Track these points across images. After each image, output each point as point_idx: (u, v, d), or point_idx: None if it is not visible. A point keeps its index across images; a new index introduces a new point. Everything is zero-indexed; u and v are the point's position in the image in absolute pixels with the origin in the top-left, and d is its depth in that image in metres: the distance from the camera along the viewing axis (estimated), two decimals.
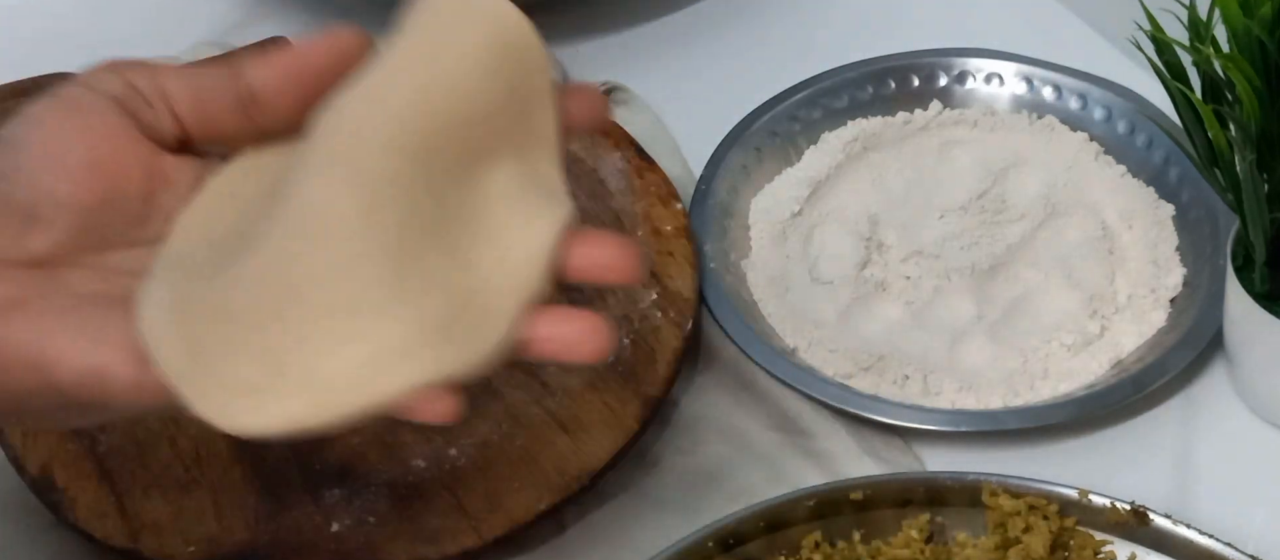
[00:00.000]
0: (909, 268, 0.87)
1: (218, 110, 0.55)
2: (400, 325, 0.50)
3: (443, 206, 0.52)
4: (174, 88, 0.56)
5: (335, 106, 0.53)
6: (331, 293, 0.50)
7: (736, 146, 0.91)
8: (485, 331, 0.52)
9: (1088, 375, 0.81)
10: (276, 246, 0.51)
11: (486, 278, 0.52)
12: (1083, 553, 0.72)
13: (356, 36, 0.55)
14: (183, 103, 0.56)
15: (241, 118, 0.55)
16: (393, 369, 0.50)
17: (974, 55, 0.95)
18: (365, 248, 0.50)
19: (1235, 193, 0.74)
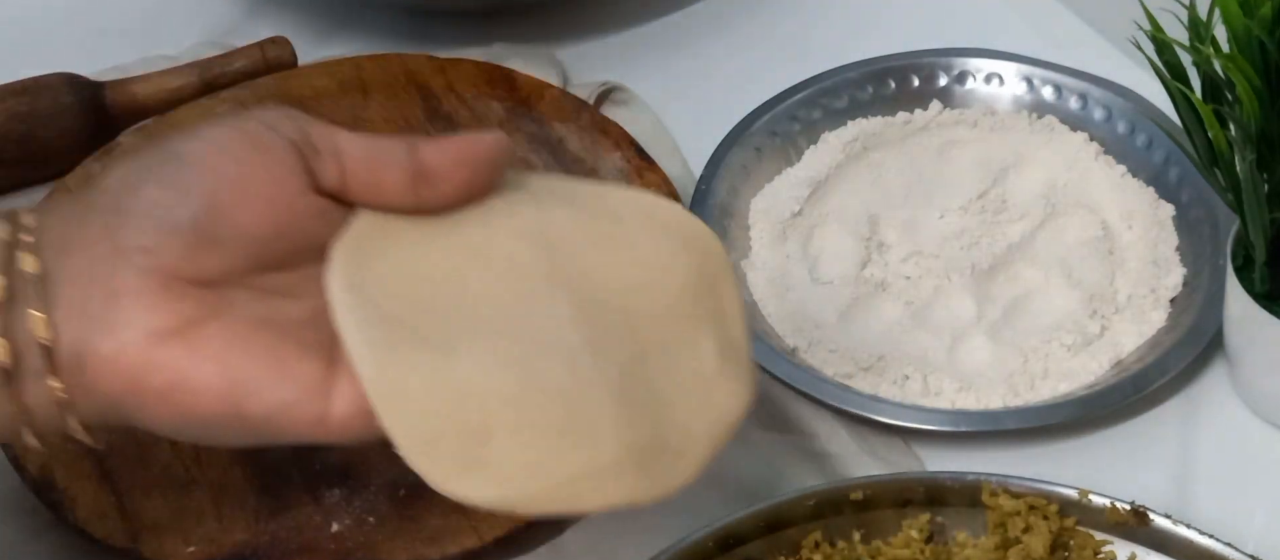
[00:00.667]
0: (909, 268, 0.87)
1: (388, 178, 0.59)
2: (615, 450, 0.57)
3: (652, 357, 0.60)
4: (349, 146, 0.59)
5: (565, 246, 0.61)
6: (564, 408, 0.57)
7: (736, 146, 0.91)
8: (677, 470, 0.59)
9: (1088, 375, 0.81)
10: (513, 351, 0.57)
11: (685, 424, 0.59)
12: (1083, 553, 0.72)
13: (504, 141, 0.61)
14: (356, 161, 0.59)
15: (408, 190, 0.59)
16: (601, 487, 0.57)
17: (974, 55, 0.95)
18: (594, 377, 0.58)
19: (1235, 193, 0.74)
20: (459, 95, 0.95)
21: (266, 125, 0.58)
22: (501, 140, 0.61)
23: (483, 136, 0.61)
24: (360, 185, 0.59)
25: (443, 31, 1.01)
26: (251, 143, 0.57)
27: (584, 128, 0.92)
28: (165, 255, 0.55)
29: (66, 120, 0.93)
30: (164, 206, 0.56)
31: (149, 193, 0.56)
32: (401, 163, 0.59)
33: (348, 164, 0.59)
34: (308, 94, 0.94)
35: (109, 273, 0.55)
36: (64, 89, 0.93)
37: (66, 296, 0.55)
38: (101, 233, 0.56)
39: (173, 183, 0.56)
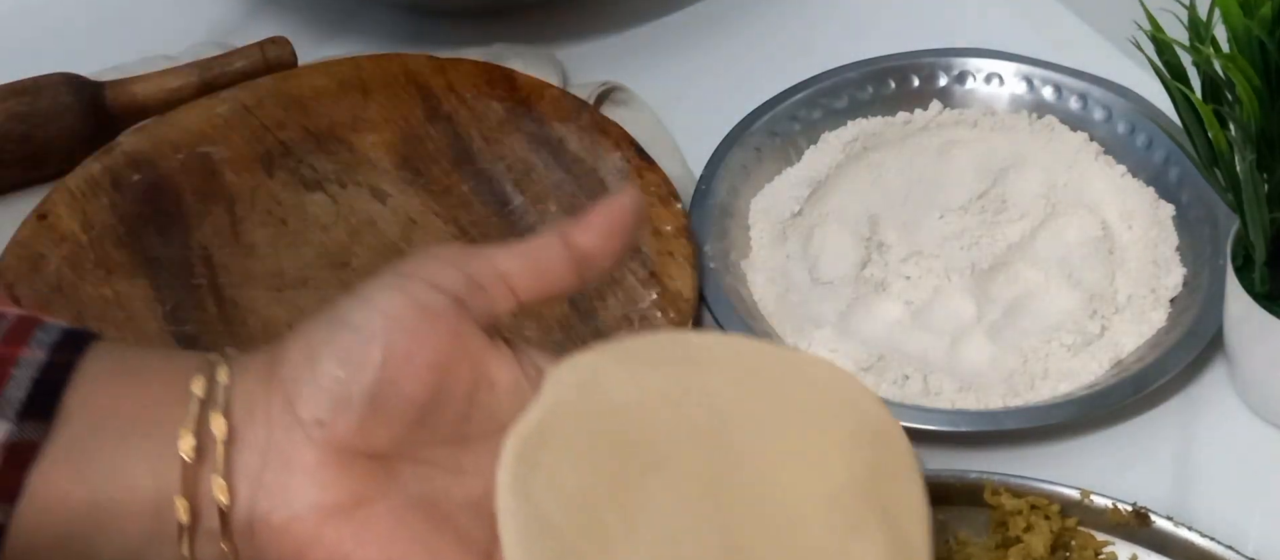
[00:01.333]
0: (909, 268, 0.87)
1: (555, 277, 0.61)
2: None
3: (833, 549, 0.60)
4: (511, 266, 0.61)
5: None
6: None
7: (736, 146, 0.91)
8: None
9: (1088, 375, 0.81)
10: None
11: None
12: (1083, 553, 0.72)
13: (638, 198, 0.64)
14: (522, 278, 0.61)
15: (573, 279, 0.62)
16: None
17: (974, 55, 0.95)
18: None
19: (1235, 193, 0.74)
20: (459, 95, 0.95)
21: (430, 284, 0.59)
22: (635, 199, 0.63)
23: (620, 201, 0.63)
24: (532, 294, 0.61)
25: (443, 31, 1.01)
26: (419, 309, 0.58)
27: (584, 128, 0.92)
28: (339, 429, 0.57)
29: (66, 120, 0.93)
30: (340, 382, 0.57)
31: (327, 367, 0.57)
32: (561, 257, 0.61)
33: (515, 283, 0.61)
34: (308, 94, 0.94)
35: (287, 444, 0.57)
36: (64, 89, 0.93)
37: (246, 462, 0.57)
38: (283, 404, 0.58)
39: (348, 357, 0.57)
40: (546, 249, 0.62)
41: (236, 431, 0.58)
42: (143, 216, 0.89)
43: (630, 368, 0.61)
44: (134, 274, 0.87)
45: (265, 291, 0.86)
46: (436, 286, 0.59)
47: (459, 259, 0.61)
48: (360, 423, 0.57)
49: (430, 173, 0.92)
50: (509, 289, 0.61)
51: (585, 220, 0.62)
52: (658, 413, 0.60)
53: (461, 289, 0.60)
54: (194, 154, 0.92)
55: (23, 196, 0.92)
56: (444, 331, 0.58)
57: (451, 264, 0.60)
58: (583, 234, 0.62)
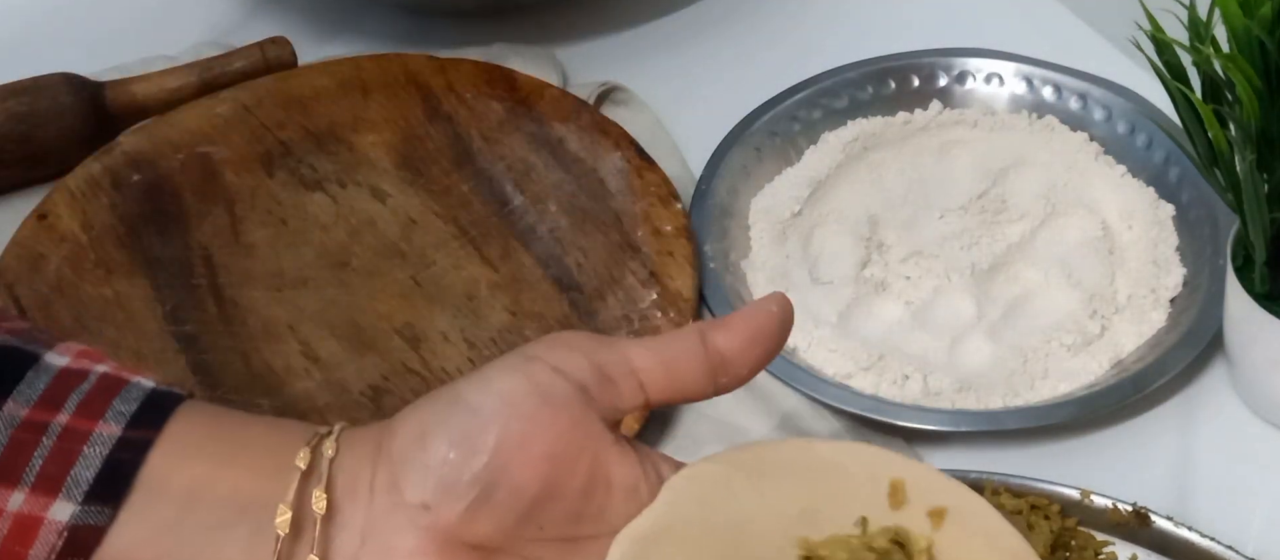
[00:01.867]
0: (909, 268, 0.87)
1: (689, 379, 0.59)
2: None
3: None
4: (643, 362, 0.58)
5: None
6: None
7: (736, 146, 0.91)
8: None
9: (1088, 375, 0.81)
10: None
11: None
12: (1084, 553, 0.72)
13: (788, 305, 0.61)
14: (654, 374, 0.58)
15: (708, 384, 0.59)
16: None
17: (974, 55, 0.95)
18: None
19: (1235, 193, 0.74)
20: (459, 95, 0.95)
21: (555, 370, 0.57)
22: (784, 306, 0.61)
23: (768, 307, 0.60)
24: (661, 393, 0.59)
25: (443, 31, 1.01)
26: (540, 395, 0.56)
27: (584, 128, 0.92)
28: (444, 514, 0.55)
29: (66, 120, 0.93)
30: (449, 465, 0.55)
31: (438, 449, 0.55)
32: (698, 359, 0.59)
33: (645, 378, 0.58)
34: (308, 94, 0.94)
35: (387, 527, 0.55)
36: (64, 89, 0.93)
37: (343, 544, 0.55)
38: (387, 483, 0.55)
39: (462, 440, 0.55)
40: (683, 349, 0.59)
41: (337, 508, 0.55)
42: (143, 216, 0.89)
43: (753, 481, 0.58)
44: (134, 274, 0.87)
45: (265, 291, 0.86)
46: (562, 373, 0.57)
47: (589, 347, 0.58)
48: (466, 510, 0.55)
49: (430, 173, 0.92)
50: (639, 385, 0.58)
51: (728, 322, 0.60)
52: (774, 529, 0.57)
53: (588, 378, 0.57)
54: (194, 154, 0.92)
55: (23, 196, 0.92)
56: (564, 422, 0.56)
57: (580, 351, 0.58)
58: (723, 336, 0.59)
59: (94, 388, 0.56)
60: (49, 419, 0.55)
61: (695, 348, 0.59)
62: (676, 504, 0.57)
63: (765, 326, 0.60)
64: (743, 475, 0.58)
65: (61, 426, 0.55)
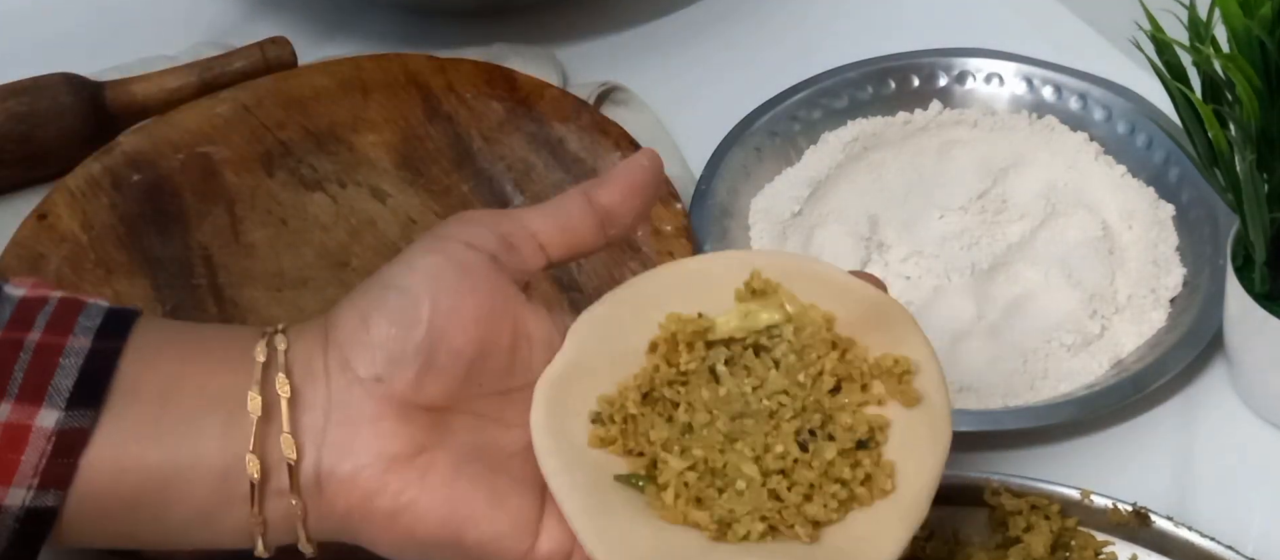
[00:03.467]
0: (909, 268, 0.87)
1: (581, 235, 0.65)
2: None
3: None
4: (541, 226, 0.64)
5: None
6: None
7: (736, 146, 0.91)
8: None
9: (1088, 375, 0.81)
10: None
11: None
12: (1084, 553, 0.72)
13: (656, 158, 0.67)
14: (551, 236, 0.64)
15: (599, 235, 0.65)
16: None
17: (974, 55, 0.95)
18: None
19: (1235, 193, 0.74)
20: (459, 95, 0.95)
21: (466, 244, 0.62)
22: (653, 159, 0.67)
23: (639, 160, 0.66)
24: (561, 252, 0.65)
25: (443, 31, 1.01)
26: (459, 268, 0.62)
27: (584, 128, 0.92)
28: (396, 384, 0.60)
29: (66, 120, 0.93)
30: (393, 339, 0.60)
31: (380, 327, 0.61)
32: (587, 216, 0.65)
33: (544, 240, 0.64)
34: (308, 94, 0.94)
35: (347, 401, 0.60)
36: (64, 89, 0.93)
37: (310, 421, 0.61)
38: (340, 364, 0.61)
39: (399, 316, 0.60)
40: (572, 208, 0.65)
41: (298, 393, 0.61)
42: (143, 216, 0.89)
43: (639, 309, 0.65)
44: (134, 274, 0.87)
45: (265, 291, 0.86)
46: (472, 246, 0.62)
47: (491, 220, 0.64)
48: (415, 376, 0.60)
49: (430, 173, 0.92)
50: (539, 246, 0.64)
51: (606, 179, 0.65)
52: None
53: (496, 247, 0.63)
54: (194, 154, 0.92)
55: (23, 196, 0.92)
56: (484, 288, 0.62)
57: (484, 225, 0.63)
58: (605, 192, 0.65)
59: (56, 310, 0.62)
60: (22, 337, 0.60)
61: (583, 206, 0.65)
62: (580, 344, 0.64)
63: (639, 178, 0.66)
64: (629, 306, 0.66)
65: (35, 343, 0.60)
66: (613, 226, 0.65)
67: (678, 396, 0.64)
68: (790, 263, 0.67)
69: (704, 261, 0.69)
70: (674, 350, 0.64)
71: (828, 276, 0.66)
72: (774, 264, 0.66)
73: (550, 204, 0.65)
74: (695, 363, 0.64)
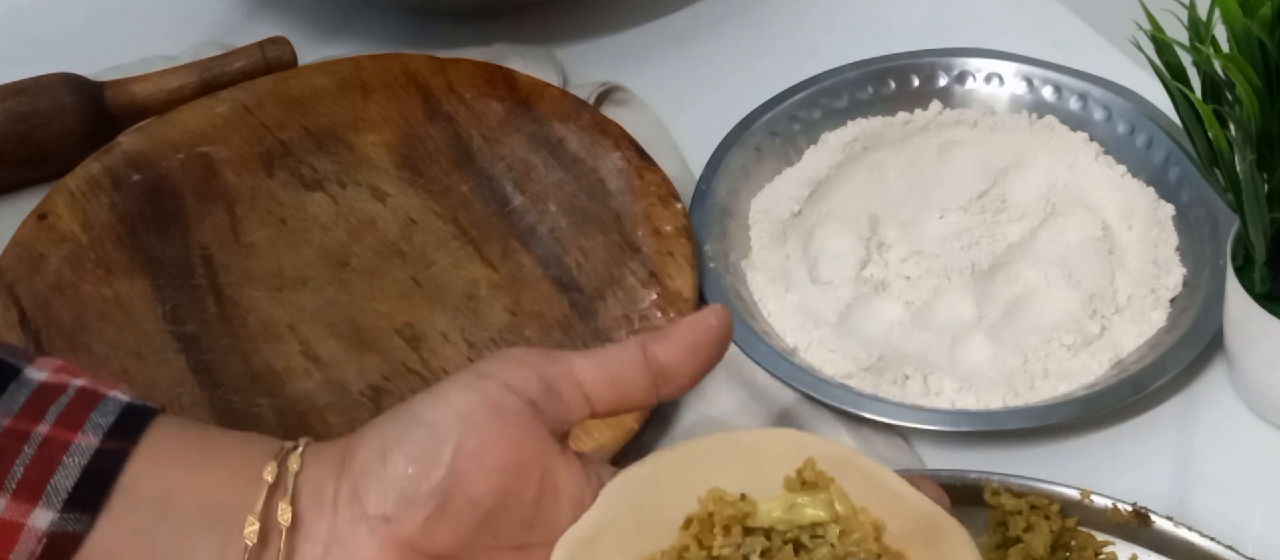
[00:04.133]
0: (909, 268, 0.87)
1: (631, 390, 0.62)
2: None
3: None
4: (588, 376, 0.61)
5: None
6: None
7: (736, 146, 0.91)
8: None
9: (1088, 375, 0.81)
10: None
11: None
12: (1083, 553, 0.72)
13: (727, 317, 0.64)
14: (599, 387, 0.61)
15: (650, 395, 0.62)
16: None
17: (974, 55, 0.95)
18: None
19: (1235, 193, 0.74)
20: (459, 95, 0.95)
21: (506, 386, 0.59)
22: (723, 318, 0.63)
23: (706, 319, 0.63)
24: (606, 404, 0.61)
25: (443, 31, 1.01)
26: (492, 410, 0.58)
27: (584, 128, 0.92)
28: (404, 526, 0.57)
29: (66, 120, 0.93)
30: (409, 479, 0.57)
31: (397, 463, 0.58)
32: (640, 372, 0.61)
33: (591, 392, 0.61)
34: (308, 94, 0.94)
35: (350, 537, 0.58)
36: (64, 89, 0.93)
37: (307, 552, 0.58)
38: (350, 496, 0.58)
39: (420, 455, 0.58)
40: (626, 361, 0.62)
41: (301, 520, 0.58)
42: (143, 216, 0.89)
43: (679, 477, 0.61)
44: (134, 274, 0.87)
45: (265, 291, 0.86)
46: (512, 389, 0.59)
47: (537, 362, 0.61)
48: (425, 521, 0.57)
49: (430, 173, 0.92)
50: (584, 397, 0.61)
51: (669, 335, 0.62)
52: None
53: (536, 393, 0.60)
54: (194, 154, 0.92)
55: (23, 196, 0.92)
56: (516, 434, 0.59)
57: (529, 366, 0.60)
58: (664, 349, 0.62)
59: (73, 400, 0.59)
60: (30, 429, 0.58)
61: (637, 360, 0.62)
62: (611, 506, 0.60)
63: (704, 338, 0.62)
64: (670, 473, 0.61)
65: (42, 436, 0.57)
66: (667, 386, 0.62)
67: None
68: (849, 458, 0.63)
69: (758, 437, 0.64)
70: (709, 531, 0.60)
71: (885, 480, 0.62)
72: (831, 455, 0.62)
73: (603, 352, 0.62)
74: (729, 549, 0.60)
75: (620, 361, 0.62)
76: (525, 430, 0.59)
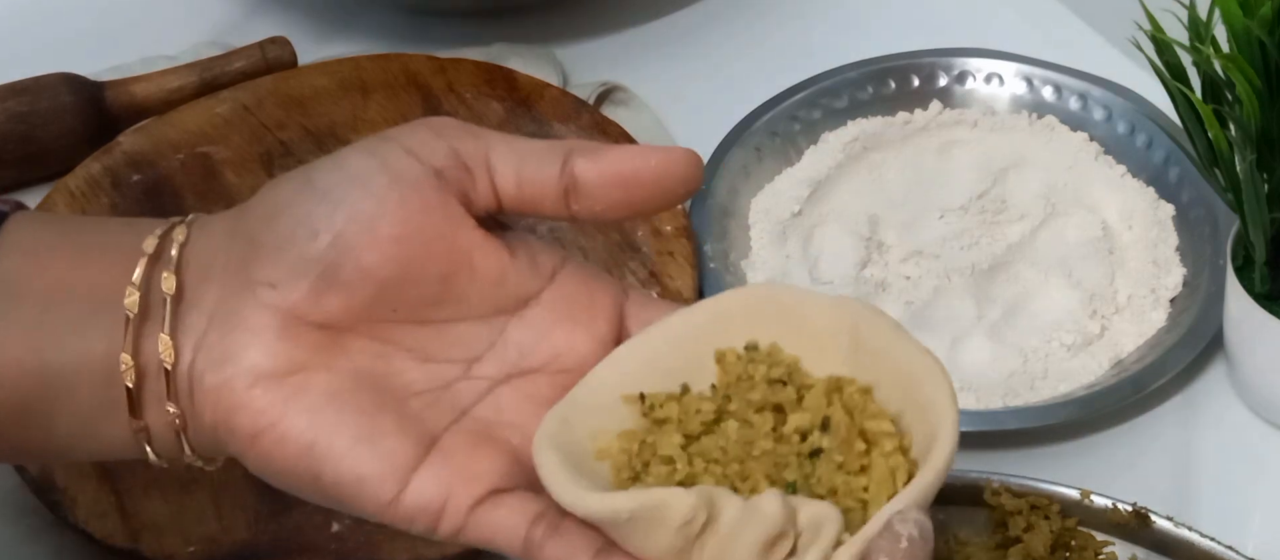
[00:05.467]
0: (909, 268, 0.87)
1: (538, 193, 0.56)
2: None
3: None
4: (500, 166, 0.56)
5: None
6: None
7: (736, 146, 0.91)
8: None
9: (1088, 375, 0.81)
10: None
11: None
12: (1084, 554, 0.72)
13: (693, 163, 0.56)
14: (506, 178, 0.56)
15: (559, 205, 0.56)
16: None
17: (974, 55, 0.95)
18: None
19: (1235, 193, 0.74)
20: (459, 95, 0.95)
21: (410, 153, 0.55)
22: (673, 162, 0.56)
23: (655, 155, 0.56)
24: (512, 202, 0.56)
25: (443, 31, 1.01)
26: (390, 176, 0.55)
27: (584, 128, 0.92)
28: (290, 294, 0.54)
29: (66, 120, 0.93)
30: (296, 242, 0.54)
31: (284, 226, 0.54)
32: (552, 183, 0.56)
33: (498, 180, 0.56)
34: (308, 94, 0.94)
35: (236, 305, 0.54)
36: (64, 89, 0.93)
37: (193, 322, 0.55)
38: (238, 261, 0.55)
39: (307, 218, 0.54)
40: (539, 158, 0.56)
41: (186, 290, 0.55)
42: (143, 216, 0.89)
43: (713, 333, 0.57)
44: None
45: None
46: (415, 155, 0.55)
47: (452, 133, 0.56)
48: (312, 289, 0.54)
49: None
50: (491, 185, 0.56)
51: (602, 154, 0.56)
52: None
53: (444, 162, 0.55)
54: (194, 154, 0.92)
55: (23, 196, 0.92)
56: (416, 204, 0.55)
57: (441, 136, 0.56)
58: (588, 166, 0.56)
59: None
60: None
61: (552, 164, 0.56)
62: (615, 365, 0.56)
63: (637, 173, 0.56)
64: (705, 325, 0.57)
65: None
66: (579, 204, 0.56)
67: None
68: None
69: (801, 297, 0.58)
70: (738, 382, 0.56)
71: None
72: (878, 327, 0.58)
73: (527, 146, 0.56)
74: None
75: (536, 163, 0.56)
76: (428, 201, 0.55)
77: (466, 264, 0.56)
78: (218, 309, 0.55)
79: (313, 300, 0.54)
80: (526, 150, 0.56)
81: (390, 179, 0.54)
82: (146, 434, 0.55)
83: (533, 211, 0.57)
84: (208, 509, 0.76)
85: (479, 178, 0.56)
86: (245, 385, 0.54)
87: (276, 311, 0.54)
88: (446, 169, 0.55)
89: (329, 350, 0.55)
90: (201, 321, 0.55)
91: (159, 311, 0.55)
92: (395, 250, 0.54)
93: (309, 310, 0.54)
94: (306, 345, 0.54)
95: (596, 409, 0.55)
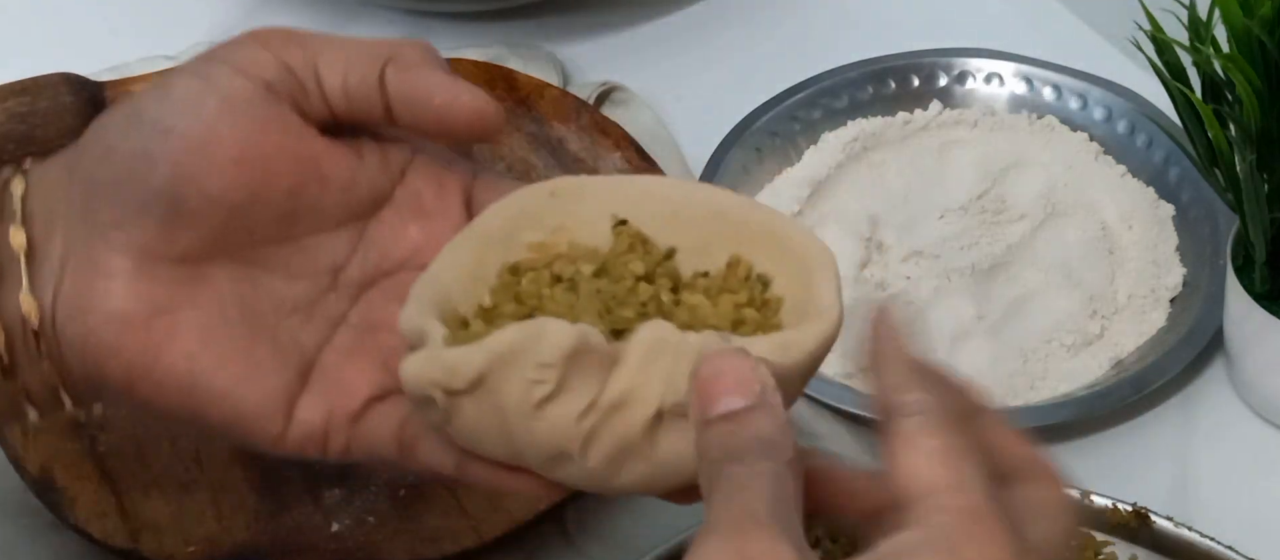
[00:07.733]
0: (909, 268, 0.87)
1: (367, 103, 0.55)
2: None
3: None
4: (326, 68, 0.54)
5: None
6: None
7: (736, 146, 0.91)
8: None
9: (1088, 375, 0.81)
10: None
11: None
12: (1083, 553, 0.72)
13: (496, 113, 0.56)
14: (334, 87, 0.54)
15: (388, 117, 0.55)
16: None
17: (974, 55, 0.95)
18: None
19: (1235, 193, 0.74)
20: None
21: (238, 71, 0.53)
22: (470, 106, 0.55)
23: (457, 89, 0.55)
24: (343, 112, 0.55)
25: (443, 31, 1.01)
26: (222, 99, 0.53)
27: (584, 128, 0.92)
28: (138, 233, 0.52)
29: (66, 120, 0.93)
30: (134, 179, 0.52)
31: (119, 162, 0.52)
32: (374, 87, 0.54)
33: (326, 91, 0.54)
34: None
35: (86, 252, 0.52)
36: (64, 89, 0.93)
37: (47, 275, 0.53)
38: (81, 207, 0.53)
39: (140, 151, 0.52)
40: (366, 69, 0.54)
41: (37, 244, 0.53)
42: None
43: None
44: None
45: None
46: (243, 73, 0.53)
47: (279, 43, 0.55)
48: (160, 226, 0.52)
49: None
50: (321, 93, 0.54)
51: (419, 73, 0.55)
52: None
53: (275, 75, 0.54)
54: None
55: None
56: (251, 123, 0.53)
57: (268, 48, 0.54)
58: (401, 81, 0.54)
59: None
60: None
61: (374, 77, 0.54)
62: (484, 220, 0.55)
63: (450, 114, 0.55)
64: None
65: None
66: (402, 119, 0.55)
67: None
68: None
69: (667, 186, 0.58)
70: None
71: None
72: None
73: (355, 50, 0.55)
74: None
75: (360, 71, 0.54)
76: (263, 116, 0.53)
77: (315, 173, 0.54)
78: (69, 257, 0.53)
79: (163, 236, 0.52)
80: (353, 55, 0.54)
81: (220, 100, 0.53)
82: (26, 395, 0.54)
83: (365, 121, 0.55)
84: (207, 509, 0.76)
85: (309, 87, 0.54)
86: (114, 332, 0.52)
87: (128, 252, 0.52)
88: (277, 81, 0.54)
89: (192, 284, 0.53)
90: (55, 272, 0.53)
91: (14, 270, 0.53)
92: (238, 172, 0.52)
93: (162, 247, 0.52)
94: (167, 282, 0.52)
95: (450, 284, 0.54)
